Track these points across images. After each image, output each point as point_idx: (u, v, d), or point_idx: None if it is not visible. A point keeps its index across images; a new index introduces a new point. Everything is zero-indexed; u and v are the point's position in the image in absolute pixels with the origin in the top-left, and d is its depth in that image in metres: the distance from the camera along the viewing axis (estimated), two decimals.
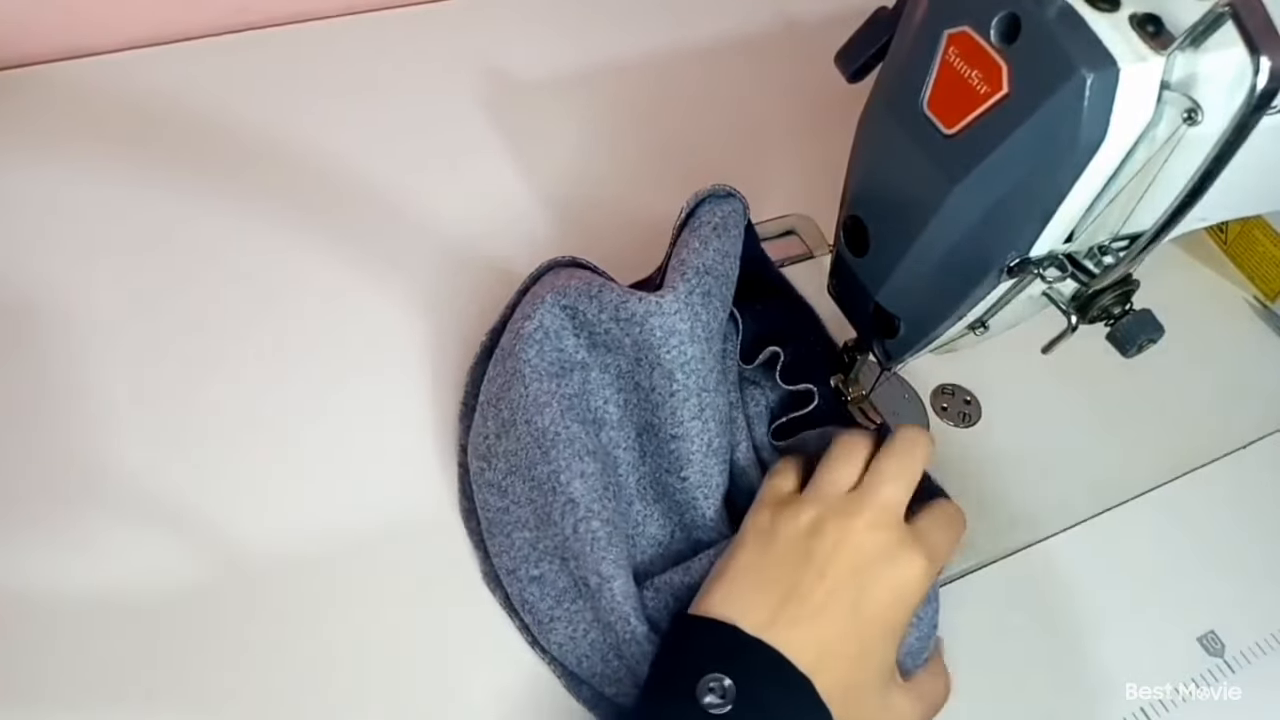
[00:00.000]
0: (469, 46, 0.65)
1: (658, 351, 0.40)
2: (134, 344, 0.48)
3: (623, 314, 0.40)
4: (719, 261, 0.42)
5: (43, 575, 0.41)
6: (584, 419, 0.41)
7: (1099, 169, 0.32)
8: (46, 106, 0.58)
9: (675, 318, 0.40)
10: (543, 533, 0.41)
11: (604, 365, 0.42)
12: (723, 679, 0.33)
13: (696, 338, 0.40)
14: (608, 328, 0.41)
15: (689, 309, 0.40)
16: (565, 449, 0.40)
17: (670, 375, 0.40)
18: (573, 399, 0.41)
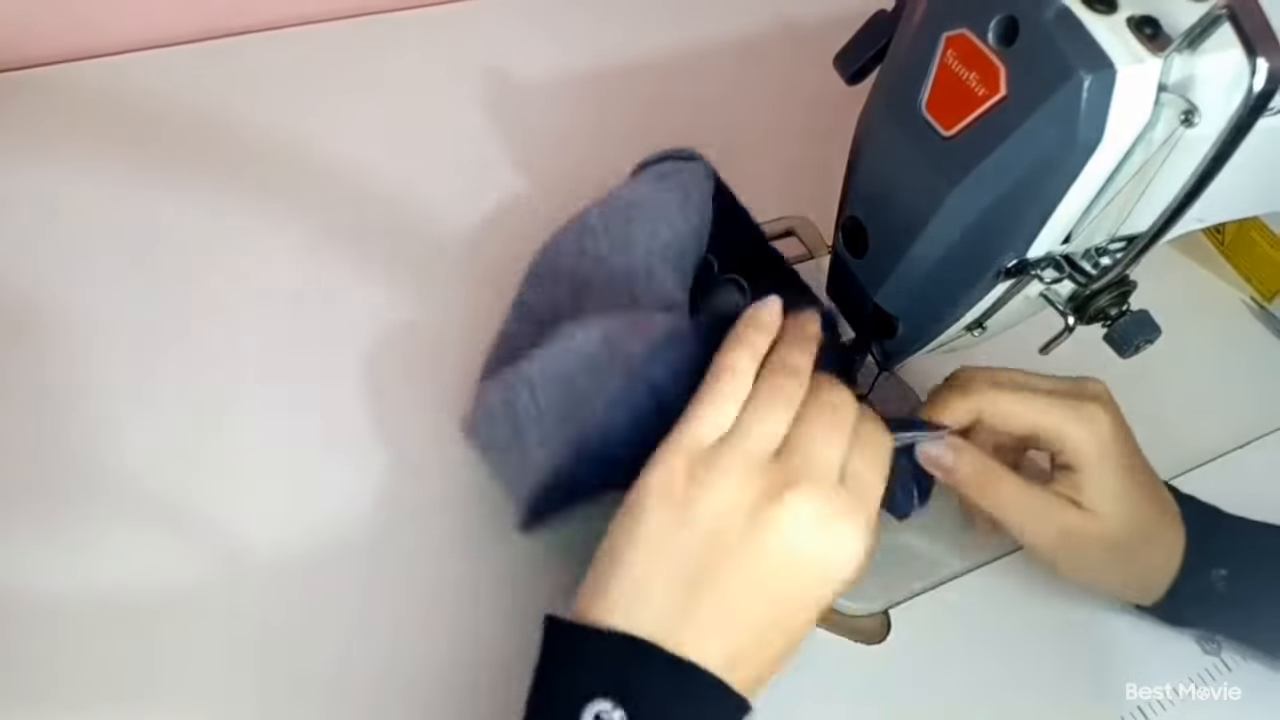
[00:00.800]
0: (469, 48, 0.65)
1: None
2: (134, 344, 0.48)
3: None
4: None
5: (42, 575, 0.41)
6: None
7: (1096, 170, 0.32)
8: (47, 108, 0.58)
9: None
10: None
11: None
12: (610, 712, 0.29)
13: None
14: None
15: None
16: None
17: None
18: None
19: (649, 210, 0.46)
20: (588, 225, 0.46)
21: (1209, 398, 0.55)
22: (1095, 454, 0.40)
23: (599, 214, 0.47)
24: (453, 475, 0.46)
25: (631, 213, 0.46)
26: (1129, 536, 0.40)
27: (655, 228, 0.45)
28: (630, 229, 0.45)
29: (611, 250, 0.45)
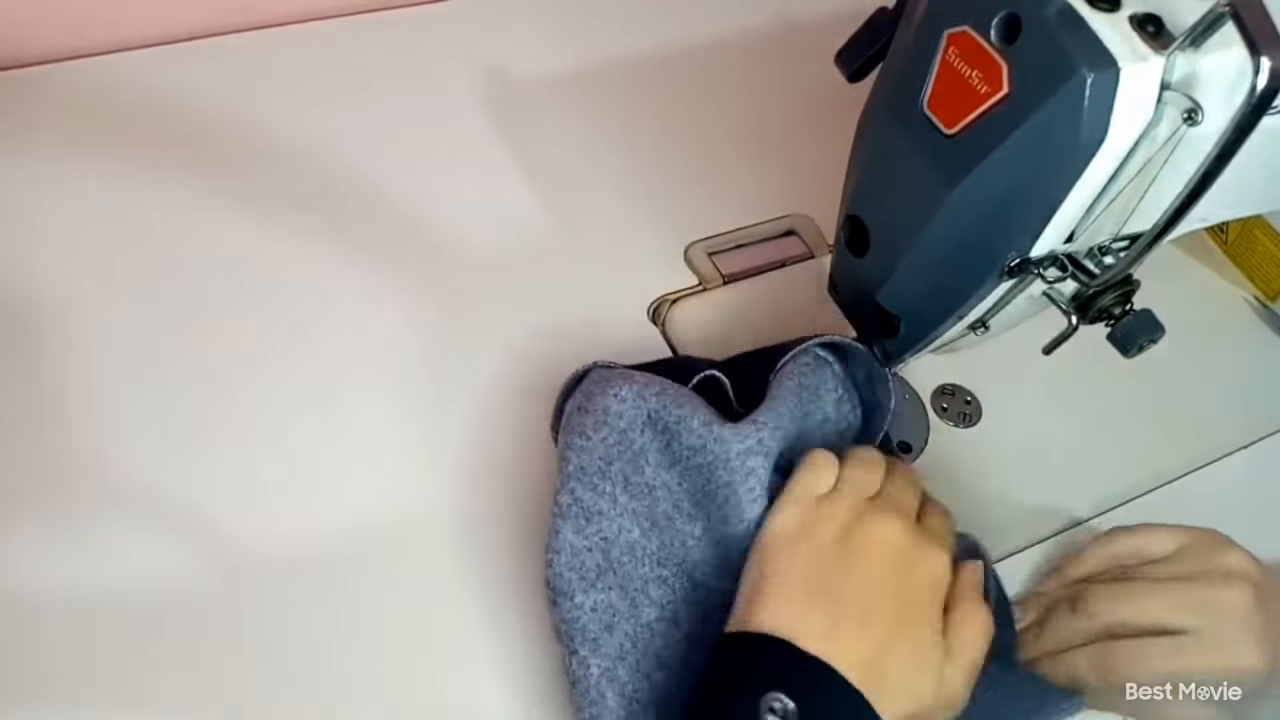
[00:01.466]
0: (469, 46, 0.65)
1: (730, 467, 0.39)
2: (134, 343, 0.48)
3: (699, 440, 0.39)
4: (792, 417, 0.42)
5: (41, 575, 0.41)
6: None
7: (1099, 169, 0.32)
8: (49, 106, 0.58)
9: (755, 452, 0.39)
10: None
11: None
12: (784, 700, 0.32)
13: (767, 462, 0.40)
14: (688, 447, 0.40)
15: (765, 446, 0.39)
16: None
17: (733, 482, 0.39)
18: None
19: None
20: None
21: (1213, 397, 0.55)
22: (1249, 690, 0.38)
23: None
24: (453, 475, 0.46)
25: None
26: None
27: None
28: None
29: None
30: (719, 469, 0.38)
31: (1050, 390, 0.53)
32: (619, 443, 0.40)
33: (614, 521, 0.40)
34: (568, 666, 0.38)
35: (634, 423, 0.40)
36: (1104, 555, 0.43)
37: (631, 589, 0.39)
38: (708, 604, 0.40)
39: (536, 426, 0.45)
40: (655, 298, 0.54)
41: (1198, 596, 0.39)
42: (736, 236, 0.58)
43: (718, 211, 0.58)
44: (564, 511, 0.40)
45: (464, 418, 0.48)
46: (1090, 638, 0.40)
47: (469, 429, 0.47)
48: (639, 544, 0.40)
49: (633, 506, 0.40)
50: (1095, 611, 0.40)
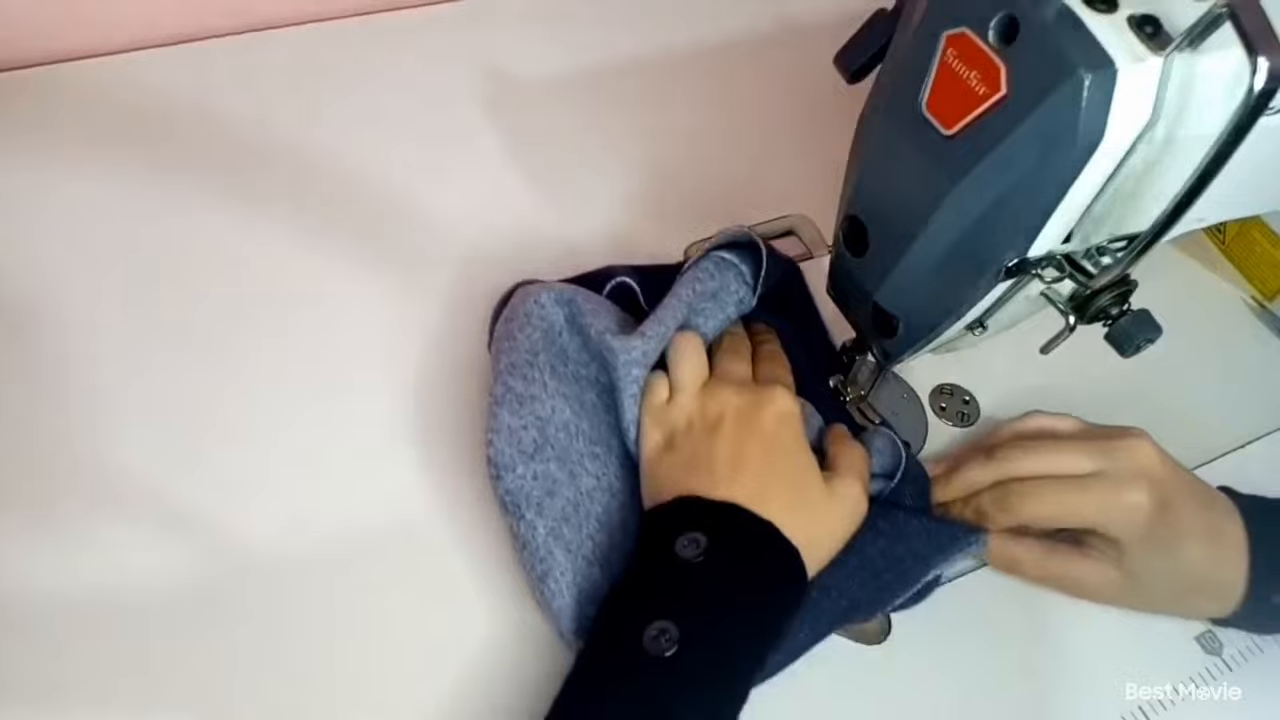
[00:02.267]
0: (470, 48, 0.65)
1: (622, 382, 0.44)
2: (135, 342, 0.48)
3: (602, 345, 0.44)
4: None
5: (39, 575, 0.41)
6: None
7: (1097, 169, 0.32)
8: (49, 107, 0.58)
9: (638, 363, 0.44)
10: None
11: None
12: (698, 536, 0.37)
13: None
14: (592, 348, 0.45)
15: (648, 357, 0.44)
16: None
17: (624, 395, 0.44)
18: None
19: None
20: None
21: (1210, 397, 0.55)
22: (1134, 537, 0.41)
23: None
24: (452, 475, 0.46)
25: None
26: (1177, 590, 0.42)
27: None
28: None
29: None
30: (612, 375, 0.43)
31: (1048, 390, 0.53)
32: (544, 338, 0.45)
33: (546, 403, 0.44)
34: (516, 532, 0.41)
35: (554, 324, 0.45)
36: (1021, 427, 0.47)
37: (569, 461, 0.43)
38: (637, 477, 0.44)
39: None
40: None
41: (1104, 448, 0.43)
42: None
43: (718, 211, 0.58)
44: (499, 399, 0.43)
45: (463, 417, 0.48)
46: (997, 482, 0.44)
47: (468, 428, 0.47)
48: (571, 423, 0.44)
49: (563, 390, 0.44)
50: (1005, 456, 0.44)
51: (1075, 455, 0.43)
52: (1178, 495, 0.42)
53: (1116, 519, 0.41)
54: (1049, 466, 0.43)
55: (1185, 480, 0.43)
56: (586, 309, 0.45)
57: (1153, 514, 0.41)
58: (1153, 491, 0.41)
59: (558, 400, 0.44)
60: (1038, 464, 0.43)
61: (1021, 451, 0.44)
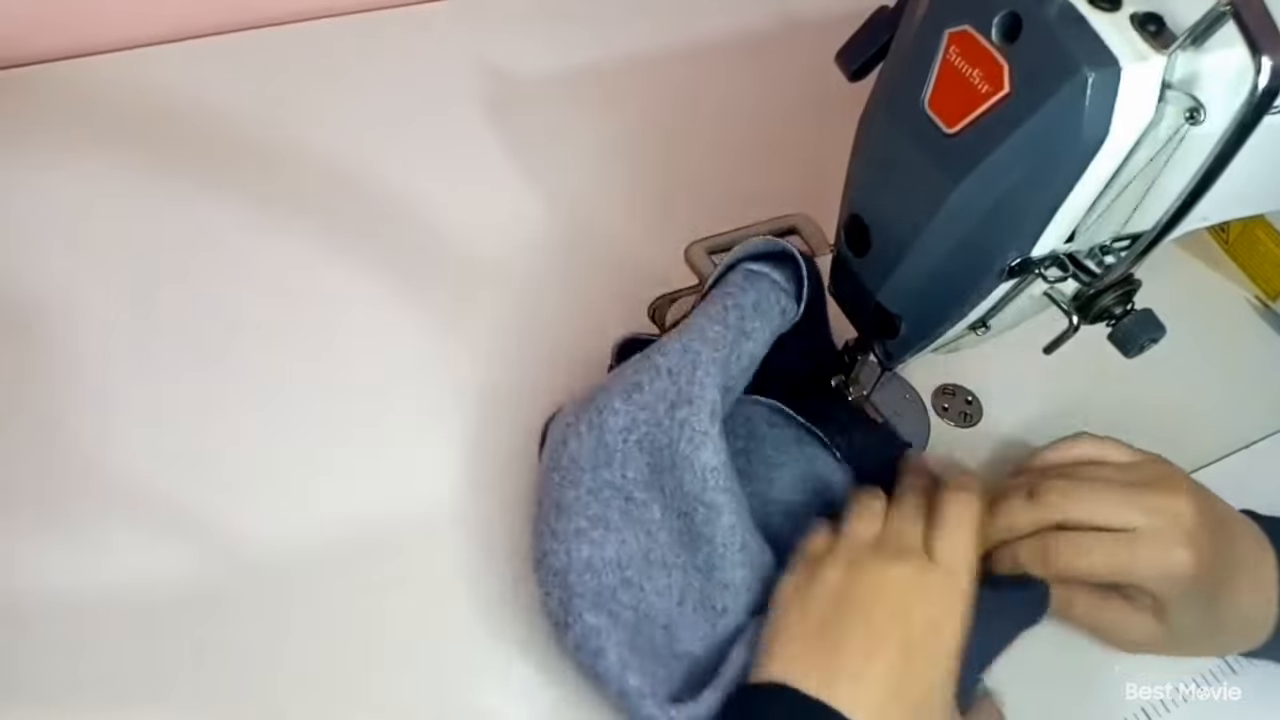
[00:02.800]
0: (469, 46, 0.65)
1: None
2: (136, 342, 0.48)
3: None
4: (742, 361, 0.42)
5: (40, 575, 0.41)
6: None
7: (1100, 168, 0.32)
8: (49, 106, 0.58)
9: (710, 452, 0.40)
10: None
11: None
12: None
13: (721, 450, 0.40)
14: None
15: (719, 438, 0.40)
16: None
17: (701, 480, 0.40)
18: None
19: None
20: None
21: (1214, 397, 0.54)
22: (1178, 596, 0.40)
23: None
24: (452, 475, 0.46)
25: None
26: (1214, 635, 0.42)
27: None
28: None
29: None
30: (656, 435, 0.40)
31: (1051, 390, 0.53)
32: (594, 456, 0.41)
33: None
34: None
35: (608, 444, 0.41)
36: (1065, 454, 0.46)
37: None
38: (679, 583, 0.40)
39: (536, 426, 0.45)
40: (655, 297, 0.54)
41: (1146, 500, 0.41)
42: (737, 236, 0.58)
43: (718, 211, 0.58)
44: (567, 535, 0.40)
45: (463, 417, 0.48)
46: (1038, 528, 0.42)
47: (468, 428, 0.47)
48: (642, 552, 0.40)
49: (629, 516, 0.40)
50: (1047, 502, 0.42)
51: (1118, 507, 0.41)
52: (1216, 550, 0.41)
53: (1159, 579, 0.40)
54: (1090, 516, 0.41)
55: (1221, 529, 0.41)
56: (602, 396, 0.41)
57: (1195, 574, 0.40)
58: (1194, 552, 0.40)
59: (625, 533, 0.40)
60: (1080, 511, 0.41)
61: (1063, 497, 0.42)
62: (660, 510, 0.41)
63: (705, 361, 0.40)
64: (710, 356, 0.40)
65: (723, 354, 0.41)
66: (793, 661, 0.36)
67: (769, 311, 0.43)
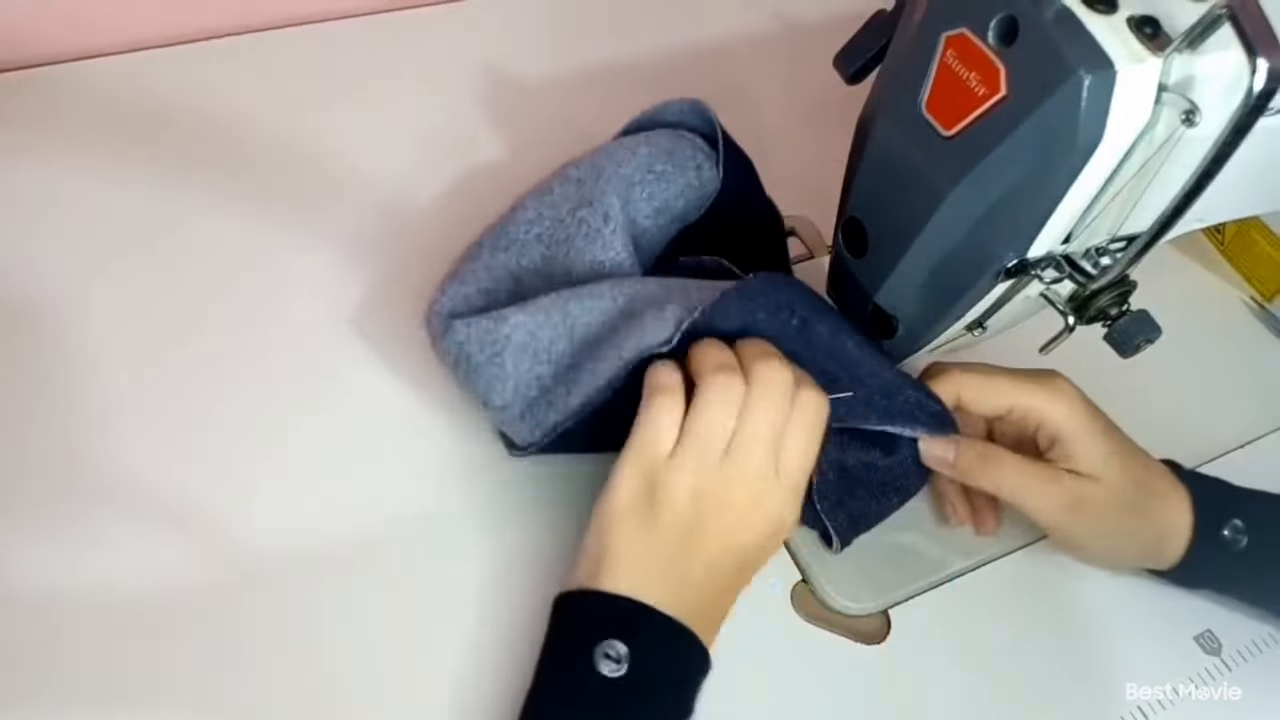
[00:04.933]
0: (470, 48, 0.65)
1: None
2: (136, 342, 0.48)
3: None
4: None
5: (40, 574, 0.41)
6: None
7: (1096, 170, 0.32)
8: (50, 108, 0.58)
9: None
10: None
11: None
12: (617, 645, 0.35)
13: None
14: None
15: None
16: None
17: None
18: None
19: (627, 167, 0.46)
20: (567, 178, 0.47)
21: (1209, 397, 0.55)
22: (1077, 421, 0.42)
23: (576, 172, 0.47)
24: (452, 474, 0.46)
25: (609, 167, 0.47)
26: (1135, 493, 0.42)
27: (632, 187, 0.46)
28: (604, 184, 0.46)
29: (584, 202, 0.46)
30: (555, 231, 0.44)
31: None
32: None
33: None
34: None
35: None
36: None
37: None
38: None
39: None
40: None
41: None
42: None
43: None
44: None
45: (463, 417, 0.48)
46: None
47: (468, 428, 0.47)
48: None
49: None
50: (958, 387, 0.43)
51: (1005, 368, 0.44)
52: (1105, 418, 0.43)
53: (1055, 402, 0.42)
54: (984, 368, 0.44)
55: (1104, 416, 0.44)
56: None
57: (1084, 404, 0.42)
58: (1077, 390, 0.43)
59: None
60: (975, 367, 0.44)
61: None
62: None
63: (609, 175, 0.45)
64: (614, 172, 0.45)
65: (627, 172, 0.45)
66: (630, 580, 0.37)
67: (683, 164, 0.46)
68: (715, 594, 0.39)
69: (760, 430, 0.38)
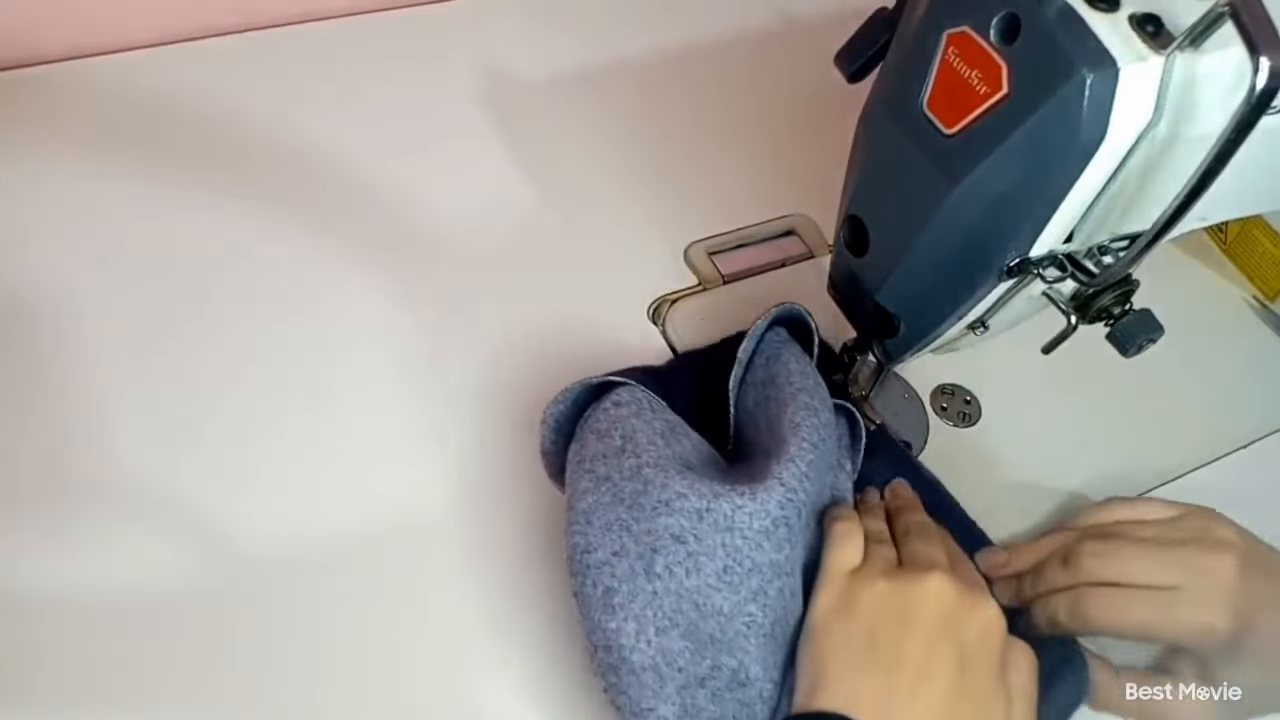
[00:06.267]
0: (469, 46, 0.65)
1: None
2: (133, 342, 0.48)
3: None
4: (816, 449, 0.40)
5: (39, 575, 0.41)
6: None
7: (1099, 169, 0.32)
8: (51, 106, 0.58)
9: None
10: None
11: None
12: None
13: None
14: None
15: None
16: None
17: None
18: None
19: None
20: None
21: (1212, 397, 0.55)
22: (1220, 657, 0.39)
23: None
24: (452, 474, 0.46)
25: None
26: (1272, 695, 0.40)
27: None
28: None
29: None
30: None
31: (1050, 390, 0.53)
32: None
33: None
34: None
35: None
36: (1101, 517, 0.44)
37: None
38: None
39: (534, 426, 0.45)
40: (655, 298, 0.54)
41: (1185, 558, 0.40)
42: (736, 236, 0.58)
43: (718, 211, 0.58)
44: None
45: (463, 417, 0.48)
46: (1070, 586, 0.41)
47: (468, 428, 0.47)
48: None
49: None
50: (1085, 567, 0.41)
51: (1155, 565, 0.40)
52: (1263, 603, 0.39)
53: (1197, 641, 0.39)
54: (1128, 575, 0.40)
55: (1270, 578, 0.40)
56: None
57: (1235, 633, 0.38)
58: (1234, 612, 0.38)
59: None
60: (1114, 572, 0.40)
61: (1097, 560, 0.41)
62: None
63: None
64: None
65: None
66: (845, 689, 0.34)
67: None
68: (944, 693, 0.35)
69: (925, 541, 0.40)
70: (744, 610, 0.36)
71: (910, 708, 0.34)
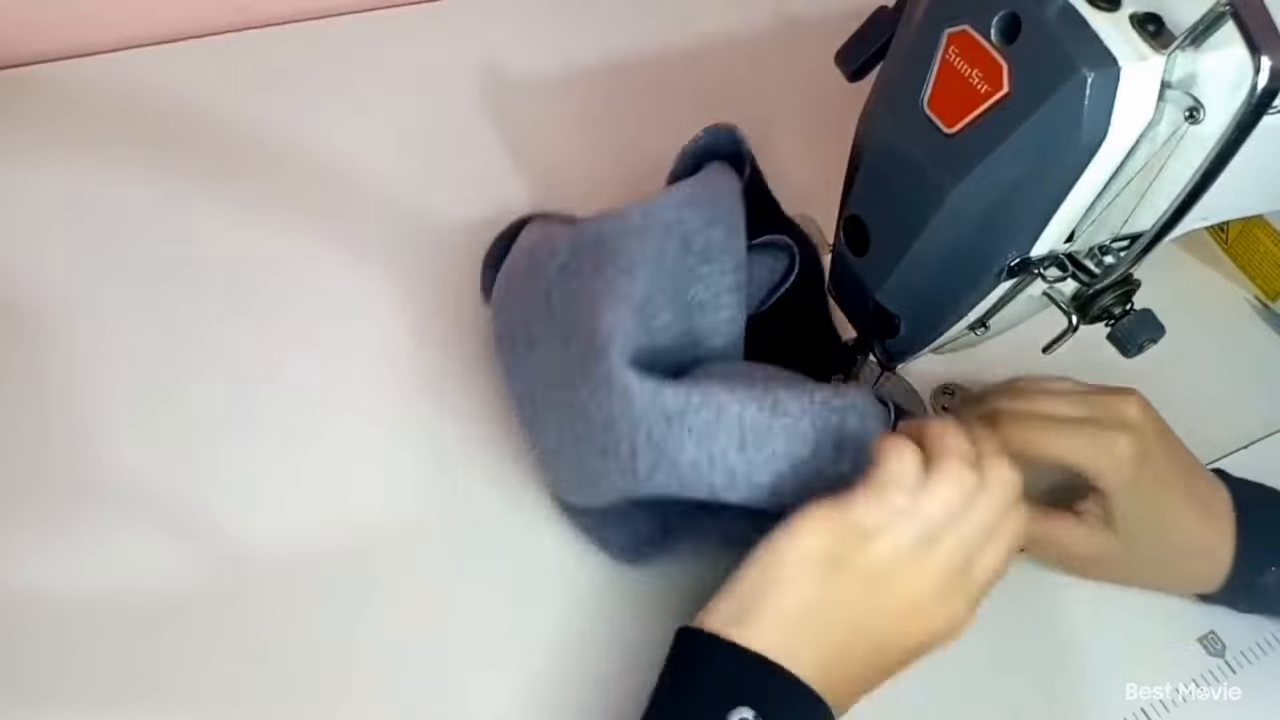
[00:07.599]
0: (469, 45, 0.65)
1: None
2: (134, 343, 0.48)
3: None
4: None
5: (41, 575, 0.41)
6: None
7: (1100, 168, 0.32)
8: (49, 107, 0.58)
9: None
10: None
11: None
12: (747, 714, 0.32)
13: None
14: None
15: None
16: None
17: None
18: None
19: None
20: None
21: (1213, 397, 0.54)
22: (1119, 483, 0.40)
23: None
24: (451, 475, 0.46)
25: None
26: (1163, 553, 0.42)
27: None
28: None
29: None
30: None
31: None
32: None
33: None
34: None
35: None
36: (1010, 382, 0.45)
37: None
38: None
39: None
40: None
41: (1094, 398, 0.42)
42: None
43: None
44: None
45: (463, 418, 0.48)
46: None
47: (468, 428, 0.47)
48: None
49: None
50: (996, 402, 0.43)
51: (1065, 403, 0.42)
52: (1163, 451, 0.42)
53: (1102, 463, 0.40)
54: (1040, 409, 0.42)
55: (1172, 441, 0.43)
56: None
57: (1137, 462, 0.40)
58: (1138, 442, 0.40)
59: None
60: (1029, 407, 0.42)
61: (1012, 396, 0.43)
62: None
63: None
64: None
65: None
66: (787, 641, 0.34)
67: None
68: (865, 679, 0.36)
69: (973, 531, 0.36)
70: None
71: (833, 675, 0.35)
